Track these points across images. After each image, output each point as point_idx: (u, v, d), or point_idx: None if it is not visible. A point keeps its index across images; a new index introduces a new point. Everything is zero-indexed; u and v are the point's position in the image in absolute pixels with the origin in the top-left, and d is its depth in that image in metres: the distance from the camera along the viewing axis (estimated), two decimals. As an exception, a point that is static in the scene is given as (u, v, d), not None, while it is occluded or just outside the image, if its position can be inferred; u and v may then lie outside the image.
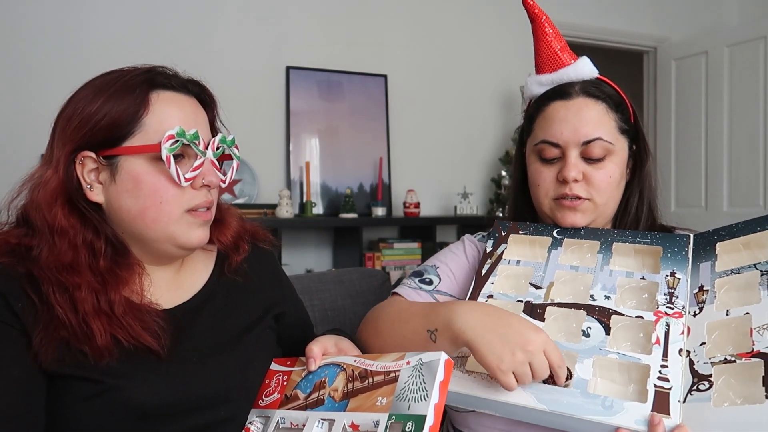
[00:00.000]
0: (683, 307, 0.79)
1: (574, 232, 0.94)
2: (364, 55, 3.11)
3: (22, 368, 0.70)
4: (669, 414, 0.68)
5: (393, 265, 2.96)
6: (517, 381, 0.73)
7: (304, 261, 2.99)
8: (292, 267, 2.87)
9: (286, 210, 2.69)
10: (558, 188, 0.95)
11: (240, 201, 2.77)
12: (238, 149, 0.86)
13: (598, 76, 1.00)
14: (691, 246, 0.87)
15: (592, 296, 0.83)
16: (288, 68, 2.94)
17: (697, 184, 3.68)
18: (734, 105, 3.50)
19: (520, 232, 0.96)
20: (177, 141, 0.75)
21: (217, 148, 0.81)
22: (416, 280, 1.03)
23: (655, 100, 3.96)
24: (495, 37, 3.37)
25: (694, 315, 0.78)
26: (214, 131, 0.86)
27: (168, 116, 0.77)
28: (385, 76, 3.15)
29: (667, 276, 0.83)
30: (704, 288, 0.80)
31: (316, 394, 0.79)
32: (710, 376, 0.69)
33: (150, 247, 0.80)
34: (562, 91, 0.97)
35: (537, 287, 0.86)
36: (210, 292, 0.88)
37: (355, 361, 0.79)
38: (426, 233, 3.02)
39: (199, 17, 2.79)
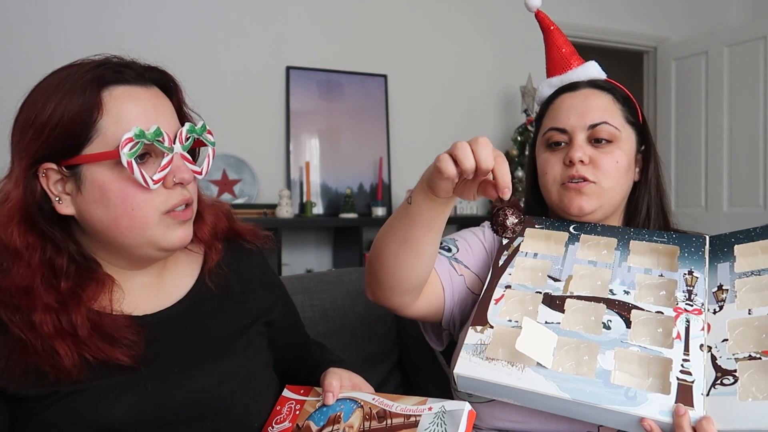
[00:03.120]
0: (702, 304, 0.81)
1: (591, 228, 0.95)
2: (364, 55, 3.11)
3: None
4: (693, 406, 0.68)
5: (393, 265, 2.96)
6: (456, 163, 0.70)
7: (304, 261, 2.99)
8: (292, 267, 2.88)
9: (286, 210, 2.69)
10: (565, 171, 0.97)
11: (240, 201, 2.77)
12: (211, 134, 0.79)
13: (606, 78, 1.05)
14: (707, 247, 0.89)
15: (611, 290, 0.84)
16: (288, 68, 2.94)
17: (697, 184, 3.68)
18: (734, 105, 3.50)
19: (536, 226, 0.98)
20: (137, 143, 0.69)
21: (187, 139, 0.75)
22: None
23: (655, 100, 3.96)
24: (495, 37, 3.37)
25: (714, 312, 0.79)
26: (182, 119, 0.79)
27: (125, 115, 0.70)
28: (385, 76, 3.15)
29: (685, 274, 0.85)
30: (723, 287, 0.81)
31: (329, 428, 0.76)
32: (735, 371, 0.71)
33: (130, 253, 0.76)
34: (569, 85, 1.03)
35: (555, 279, 0.87)
36: (194, 298, 0.83)
37: (373, 399, 0.77)
38: (426, 233, 3.01)
39: (199, 17, 2.79)
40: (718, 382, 0.70)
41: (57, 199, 0.72)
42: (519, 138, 3.24)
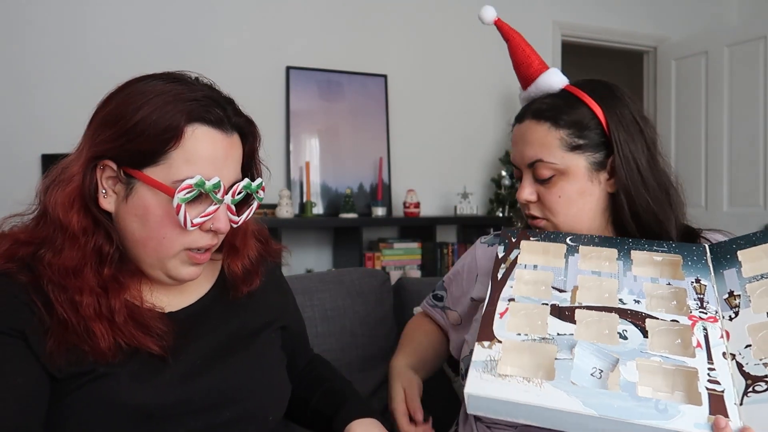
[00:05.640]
0: (716, 311, 0.78)
1: (588, 239, 0.92)
2: (364, 55, 3.11)
3: (26, 377, 0.70)
4: (728, 417, 0.65)
5: (393, 265, 2.96)
6: None
7: (304, 261, 2.99)
8: (292, 267, 2.87)
9: (286, 210, 2.69)
10: (523, 207, 1.00)
11: (240, 201, 2.77)
12: (263, 190, 0.83)
13: (567, 86, 0.99)
14: (708, 255, 0.87)
15: (621, 300, 0.81)
16: (288, 68, 2.94)
17: (697, 184, 3.68)
18: (734, 105, 3.50)
19: (531, 238, 0.94)
20: (193, 190, 0.73)
21: (239, 193, 0.78)
22: (431, 296, 1.20)
23: (655, 100, 3.96)
24: (495, 37, 3.36)
25: (730, 319, 0.77)
26: (247, 168, 0.84)
27: (196, 156, 0.73)
28: (385, 76, 3.15)
29: (692, 282, 0.83)
30: (735, 293, 0.79)
31: None
32: (766, 377, 0.68)
33: (143, 268, 0.80)
34: (519, 114, 1.01)
35: (561, 291, 0.84)
36: (214, 296, 0.88)
37: None
38: (426, 233, 3.02)
39: (199, 17, 2.79)
40: (750, 389, 0.67)
41: (104, 192, 0.76)
42: (519, 138, 3.24)
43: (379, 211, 2.93)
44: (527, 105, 1.01)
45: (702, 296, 0.80)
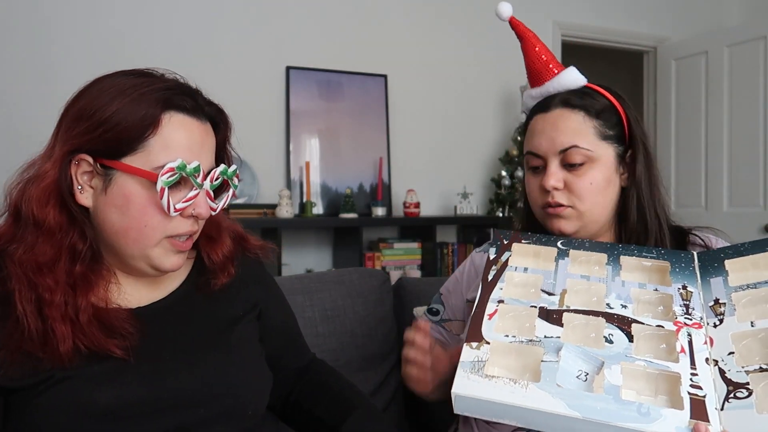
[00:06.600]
0: (701, 318, 0.79)
1: (579, 244, 0.94)
2: (364, 55, 3.11)
3: None
4: (709, 421, 0.66)
5: (393, 265, 2.96)
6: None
7: (304, 261, 2.99)
8: (292, 267, 2.87)
9: (286, 210, 2.69)
10: (543, 196, 0.99)
11: (240, 201, 2.77)
12: (238, 178, 0.85)
13: (587, 83, 1.02)
14: (696, 262, 0.88)
15: (608, 305, 0.82)
16: (288, 68, 2.94)
17: (697, 184, 3.68)
18: (734, 105, 3.50)
19: (523, 241, 0.96)
20: (175, 173, 0.74)
21: (216, 179, 0.80)
22: (427, 312, 1.19)
23: (655, 100, 3.96)
24: (495, 37, 3.37)
25: (714, 326, 0.78)
26: (220, 157, 0.85)
27: (174, 143, 0.75)
28: (385, 76, 3.15)
29: (679, 289, 0.84)
30: (720, 301, 0.80)
31: None
32: (747, 384, 0.69)
33: (125, 261, 0.79)
34: (542, 104, 1.01)
35: (550, 294, 0.85)
36: (187, 290, 0.87)
37: None
38: (426, 233, 3.02)
39: (199, 17, 2.79)
40: (731, 396, 0.68)
41: (80, 188, 0.75)
42: (519, 138, 3.24)
43: (379, 211, 2.93)
44: (549, 97, 1.01)
45: (688, 303, 0.81)
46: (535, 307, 0.83)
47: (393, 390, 1.41)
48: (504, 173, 3.23)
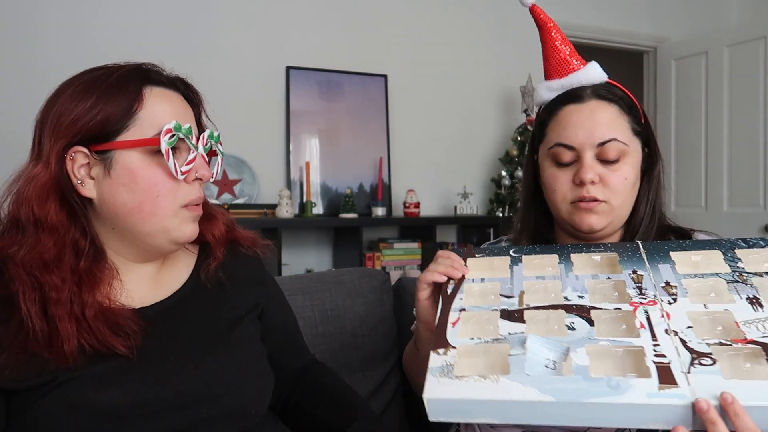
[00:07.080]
0: (654, 296, 0.82)
1: (530, 249, 0.96)
2: (364, 55, 3.11)
3: None
4: (676, 384, 0.68)
5: (393, 265, 2.96)
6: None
7: (304, 261, 2.99)
8: (292, 267, 2.88)
9: (286, 210, 2.69)
10: (575, 191, 0.95)
11: (240, 201, 2.77)
12: (222, 145, 0.88)
13: (608, 80, 1.01)
14: (642, 250, 0.91)
15: (566, 297, 0.85)
16: (288, 68, 2.94)
17: (697, 184, 3.68)
18: (734, 105, 3.50)
19: (476, 255, 0.99)
20: (174, 135, 0.76)
21: (206, 143, 0.83)
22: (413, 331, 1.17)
23: (655, 100, 3.96)
24: (495, 37, 3.37)
25: (669, 303, 0.81)
26: (200, 128, 0.87)
27: (161, 111, 0.78)
28: (385, 76, 3.15)
29: (630, 274, 0.87)
30: (671, 284, 0.83)
31: None
32: (710, 354, 0.71)
33: (141, 242, 0.80)
34: (574, 95, 0.97)
35: (508, 297, 0.87)
36: (190, 290, 0.87)
37: None
38: (426, 233, 3.02)
39: (199, 17, 2.79)
40: (696, 362, 0.70)
41: (79, 182, 0.76)
42: (519, 138, 3.25)
43: (379, 211, 2.93)
44: (580, 88, 0.98)
45: (640, 285, 0.84)
46: (497, 310, 0.84)
47: (393, 390, 1.41)
48: (504, 173, 3.23)
